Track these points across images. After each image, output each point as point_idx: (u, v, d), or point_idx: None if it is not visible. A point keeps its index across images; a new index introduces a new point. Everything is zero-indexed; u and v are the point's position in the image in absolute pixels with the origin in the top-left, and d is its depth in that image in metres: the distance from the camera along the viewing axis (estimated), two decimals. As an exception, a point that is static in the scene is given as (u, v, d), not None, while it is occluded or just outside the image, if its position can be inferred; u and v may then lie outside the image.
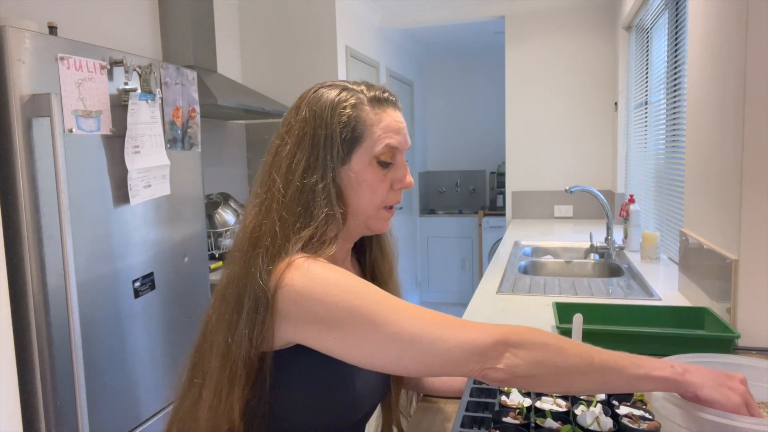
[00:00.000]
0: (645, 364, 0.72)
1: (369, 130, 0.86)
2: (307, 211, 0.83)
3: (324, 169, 0.84)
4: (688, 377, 0.72)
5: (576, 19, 3.78)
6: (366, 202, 0.88)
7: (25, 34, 1.43)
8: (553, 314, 1.43)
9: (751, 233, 1.30)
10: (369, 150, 0.86)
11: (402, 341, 0.73)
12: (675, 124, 2.29)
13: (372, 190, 0.87)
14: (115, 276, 1.71)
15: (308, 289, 0.76)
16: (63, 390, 1.50)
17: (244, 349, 0.78)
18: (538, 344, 0.72)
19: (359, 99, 0.87)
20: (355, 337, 0.74)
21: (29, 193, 1.44)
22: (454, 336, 0.73)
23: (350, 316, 0.74)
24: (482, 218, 5.11)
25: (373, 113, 0.87)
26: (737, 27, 1.33)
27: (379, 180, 0.87)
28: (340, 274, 0.78)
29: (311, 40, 3.35)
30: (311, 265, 0.78)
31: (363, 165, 0.86)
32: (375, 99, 0.88)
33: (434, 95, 5.87)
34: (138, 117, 1.73)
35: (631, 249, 2.56)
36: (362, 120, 0.86)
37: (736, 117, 1.33)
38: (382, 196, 0.88)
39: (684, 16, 2.07)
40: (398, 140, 0.87)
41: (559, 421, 0.84)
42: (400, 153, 0.89)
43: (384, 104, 0.88)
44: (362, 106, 0.87)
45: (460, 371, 0.74)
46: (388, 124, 0.87)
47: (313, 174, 0.84)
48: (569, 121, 3.85)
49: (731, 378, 0.74)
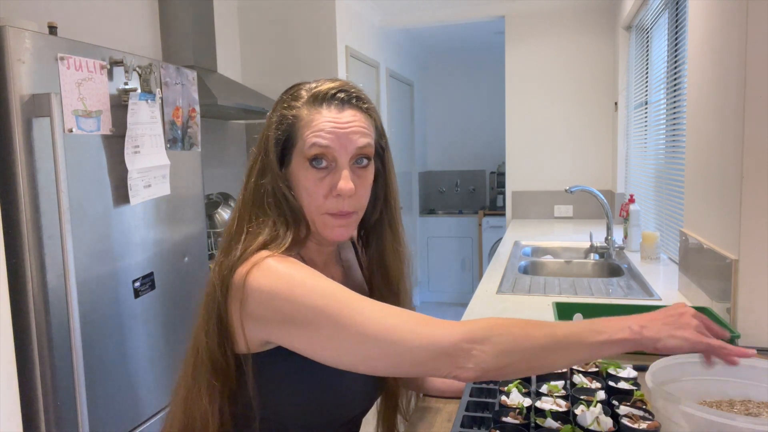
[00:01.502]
0: (604, 329, 0.72)
1: (301, 130, 0.83)
2: (261, 212, 0.84)
3: (271, 170, 0.84)
4: (645, 333, 0.71)
5: (576, 19, 3.78)
6: (307, 207, 0.85)
7: (25, 34, 1.43)
8: (553, 314, 1.43)
9: (751, 233, 1.30)
10: (301, 151, 0.83)
11: (367, 342, 0.72)
12: (675, 124, 2.29)
13: (308, 194, 0.84)
14: (115, 276, 1.71)
15: (274, 289, 0.75)
16: (63, 390, 1.50)
17: (215, 350, 0.79)
18: (503, 335, 0.71)
19: (298, 98, 0.85)
20: (322, 337, 0.74)
21: (29, 193, 1.44)
22: (418, 336, 0.72)
23: (316, 317, 0.73)
24: (482, 218, 5.11)
25: (307, 112, 0.84)
26: (737, 27, 1.33)
27: (313, 183, 0.83)
28: (306, 273, 0.77)
29: (311, 40, 3.35)
30: (278, 265, 0.77)
31: (298, 166, 0.84)
32: (313, 97, 0.84)
33: (434, 95, 5.87)
34: (138, 117, 1.73)
35: (631, 249, 2.56)
36: (297, 119, 0.84)
37: (736, 117, 1.33)
38: (318, 201, 0.83)
39: (684, 16, 2.07)
40: (329, 140, 0.82)
41: (559, 421, 0.84)
42: (339, 155, 0.82)
43: (322, 103, 0.84)
44: (298, 105, 0.84)
45: (429, 372, 0.74)
46: (319, 123, 0.82)
47: (263, 176, 0.84)
48: (569, 121, 3.85)
49: (682, 316, 0.73)
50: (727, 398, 0.91)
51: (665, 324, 0.72)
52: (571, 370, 1.02)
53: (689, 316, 0.73)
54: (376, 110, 0.92)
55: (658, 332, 0.71)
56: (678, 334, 0.71)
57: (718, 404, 0.89)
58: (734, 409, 0.87)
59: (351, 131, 0.83)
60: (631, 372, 0.99)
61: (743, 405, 0.88)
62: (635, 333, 0.71)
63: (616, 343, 0.71)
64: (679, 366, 0.91)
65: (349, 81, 0.89)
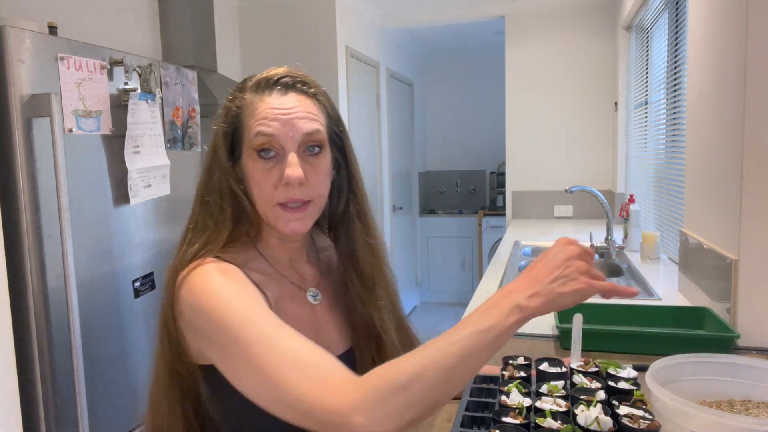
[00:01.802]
0: (493, 322, 0.65)
1: (246, 120, 0.80)
2: (208, 210, 0.81)
3: (219, 165, 0.81)
4: (535, 303, 0.65)
5: (576, 19, 3.78)
6: (258, 200, 0.81)
7: (25, 34, 1.43)
8: (553, 314, 1.43)
9: (751, 233, 1.30)
10: (248, 142, 0.80)
11: (267, 387, 0.66)
12: (675, 124, 2.29)
13: (258, 186, 0.80)
14: (115, 276, 1.71)
15: (200, 305, 0.73)
16: (63, 390, 1.50)
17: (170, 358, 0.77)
18: (396, 389, 0.62)
19: (243, 89, 0.82)
20: (235, 366, 0.70)
21: (29, 193, 1.44)
22: (310, 400, 0.64)
23: (229, 344, 0.69)
24: (482, 218, 5.11)
25: (250, 101, 0.81)
26: (737, 27, 1.33)
27: (262, 174, 0.79)
28: (235, 292, 0.73)
29: (311, 40, 3.35)
30: (209, 276, 0.74)
31: (247, 158, 0.80)
32: (256, 85, 0.81)
33: (434, 95, 5.87)
34: (138, 117, 1.73)
35: (631, 249, 2.56)
36: (242, 110, 0.81)
37: (736, 117, 1.33)
38: (268, 192, 0.79)
39: (684, 16, 2.07)
40: (273, 127, 0.78)
41: (559, 421, 0.83)
42: (286, 143, 0.78)
43: (265, 90, 0.81)
44: (243, 95, 0.82)
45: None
46: (262, 110, 0.79)
47: (212, 172, 0.82)
48: (569, 121, 3.85)
49: (568, 264, 0.67)
50: (727, 398, 0.91)
51: (553, 281, 0.66)
52: (571, 370, 1.02)
53: (575, 261, 0.67)
54: (328, 96, 0.87)
55: (548, 295, 0.65)
56: (568, 289, 0.66)
57: (718, 404, 0.89)
58: (734, 409, 0.88)
59: (296, 116, 0.79)
60: (631, 372, 0.99)
61: (743, 405, 0.88)
62: (525, 309, 0.65)
63: (511, 329, 0.65)
64: (679, 366, 0.91)
65: (299, 68, 0.85)
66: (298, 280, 0.89)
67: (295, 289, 0.88)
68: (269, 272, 0.86)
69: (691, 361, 0.90)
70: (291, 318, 0.83)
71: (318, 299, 0.90)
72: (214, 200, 0.81)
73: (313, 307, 0.89)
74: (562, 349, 1.35)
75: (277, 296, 0.84)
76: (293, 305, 0.86)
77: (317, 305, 0.90)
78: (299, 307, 0.87)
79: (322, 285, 0.93)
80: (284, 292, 0.86)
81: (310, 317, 0.88)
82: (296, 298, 0.88)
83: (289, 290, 0.87)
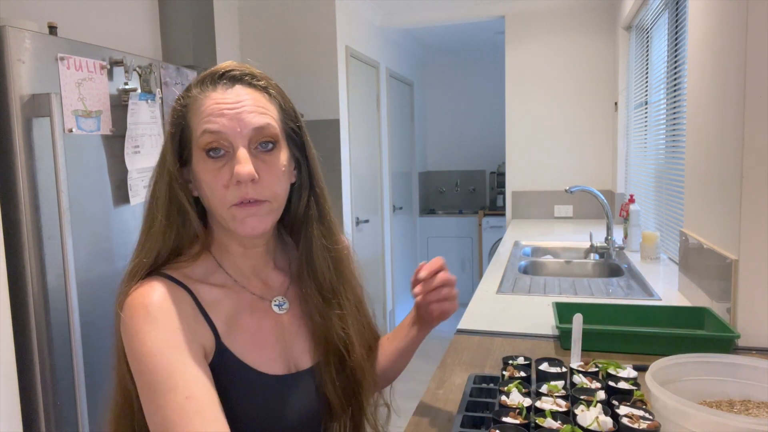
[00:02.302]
0: None
1: (192, 119, 0.75)
2: (153, 220, 0.77)
3: (167, 170, 0.76)
4: None
5: (576, 19, 3.78)
6: (212, 203, 0.76)
7: (25, 34, 1.43)
8: (553, 314, 1.43)
9: (751, 233, 1.30)
10: (196, 142, 0.74)
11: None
12: (675, 124, 2.29)
13: (209, 188, 0.74)
14: (115, 276, 1.70)
15: (125, 334, 0.71)
16: (63, 390, 1.50)
17: (122, 373, 0.74)
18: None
19: (190, 88, 0.77)
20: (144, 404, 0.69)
21: (29, 193, 1.44)
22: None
23: (139, 384, 0.69)
24: (482, 218, 5.11)
25: (195, 98, 0.76)
26: (737, 27, 1.33)
27: (212, 175, 0.74)
28: (153, 326, 0.70)
29: (311, 40, 3.35)
30: (145, 303, 0.71)
31: (197, 160, 0.75)
32: (201, 81, 0.76)
33: (434, 95, 5.87)
34: (138, 117, 1.73)
35: (631, 249, 2.56)
36: (189, 109, 0.76)
37: (736, 117, 1.33)
38: (219, 193, 0.74)
39: (684, 16, 2.07)
40: (221, 123, 0.73)
41: (559, 421, 0.83)
42: (234, 139, 0.73)
43: (209, 85, 0.76)
44: (188, 94, 0.76)
45: None
46: (207, 106, 0.74)
47: (160, 177, 0.77)
48: (569, 121, 3.85)
49: None
50: (727, 398, 0.91)
51: None
52: (571, 370, 1.02)
53: None
54: (281, 89, 0.82)
55: None
56: None
57: (718, 404, 0.89)
58: (734, 409, 0.88)
59: (243, 110, 0.74)
60: (631, 372, 0.99)
61: (743, 405, 0.88)
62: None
63: None
64: (679, 366, 0.91)
65: (249, 63, 0.81)
66: (262, 290, 0.85)
67: (257, 299, 0.84)
68: (228, 284, 0.82)
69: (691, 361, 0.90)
70: (251, 331, 0.81)
71: (284, 308, 0.86)
72: (161, 209, 0.77)
73: (279, 317, 0.85)
74: (562, 349, 1.35)
75: (233, 311, 0.80)
76: (253, 317, 0.82)
77: (283, 315, 0.85)
78: (261, 319, 0.83)
79: (291, 293, 0.88)
80: (243, 304, 0.82)
81: (274, 328, 0.83)
82: (258, 309, 0.83)
83: (250, 301, 0.83)
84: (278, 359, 0.82)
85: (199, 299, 0.77)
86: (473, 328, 1.52)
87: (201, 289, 0.78)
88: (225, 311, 0.79)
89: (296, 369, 0.83)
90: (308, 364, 0.85)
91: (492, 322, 1.59)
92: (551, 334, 1.45)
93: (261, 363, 0.79)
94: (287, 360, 0.83)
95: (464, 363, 1.27)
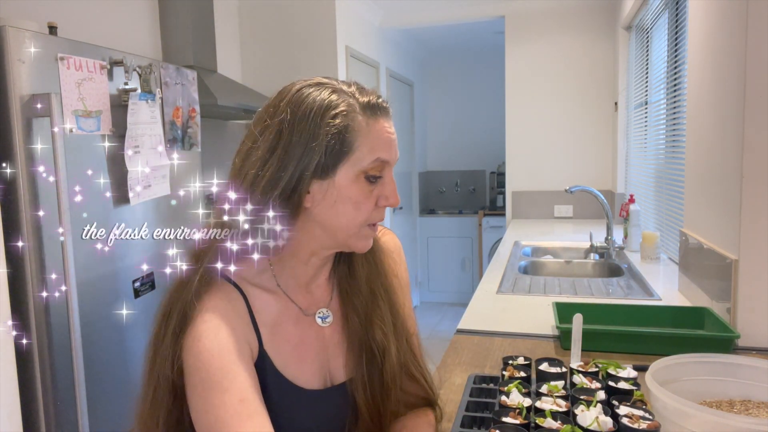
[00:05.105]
0: None
1: (359, 141, 0.76)
2: (263, 200, 0.75)
3: (294, 181, 0.74)
4: None
5: (576, 19, 3.78)
6: (348, 220, 0.78)
7: (25, 34, 1.43)
8: (553, 314, 1.43)
9: (751, 233, 1.30)
10: (357, 163, 0.76)
11: None
12: (675, 124, 2.29)
13: (356, 207, 0.77)
14: (115, 276, 1.71)
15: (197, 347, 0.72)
16: (63, 390, 1.50)
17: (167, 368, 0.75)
18: None
19: (351, 105, 0.76)
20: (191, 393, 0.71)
21: (29, 193, 1.44)
22: None
23: (195, 373, 0.71)
24: (482, 218, 5.11)
25: (365, 122, 0.76)
26: (737, 27, 1.33)
27: (364, 196, 0.77)
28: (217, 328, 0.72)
29: (311, 40, 3.35)
30: (208, 307, 0.73)
31: (349, 179, 0.76)
32: (368, 106, 0.78)
33: (434, 95, 5.87)
34: (138, 117, 1.73)
35: (631, 249, 2.56)
36: (353, 130, 0.75)
37: (736, 117, 1.33)
38: (366, 213, 0.78)
39: (684, 16, 2.07)
40: (390, 154, 0.78)
41: (559, 421, 0.84)
42: (389, 167, 0.79)
43: (377, 112, 0.78)
44: (354, 114, 0.76)
45: None
46: (379, 135, 0.77)
47: (276, 186, 0.74)
48: (569, 121, 3.85)
49: None
50: (727, 398, 0.91)
51: None
52: (571, 370, 1.02)
53: None
54: None
55: None
56: None
57: (718, 404, 0.89)
58: (734, 409, 0.88)
59: (396, 143, 0.81)
60: (631, 372, 0.99)
61: (743, 405, 0.88)
62: None
63: None
64: (679, 366, 0.91)
65: None
66: (308, 302, 0.85)
67: (301, 311, 0.84)
68: (275, 290, 0.82)
69: (691, 361, 0.91)
70: (293, 342, 0.81)
71: (328, 321, 0.86)
72: (279, 198, 0.74)
73: (321, 329, 0.85)
74: (562, 349, 1.35)
75: (278, 318, 0.81)
76: (296, 328, 0.83)
77: (326, 327, 0.86)
78: (304, 330, 0.84)
79: (334, 304, 0.88)
80: (288, 313, 0.83)
81: (315, 341, 0.84)
82: (301, 320, 0.84)
83: (295, 312, 0.84)
84: (317, 373, 0.83)
85: (250, 302, 0.78)
86: (473, 328, 1.52)
87: (252, 291, 0.79)
88: (270, 317, 0.80)
89: (332, 383, 0.84)
90: (344, 378, 0.85)
91: (492, 322, 1.59)
92: (551, 334, 1.45)
93: (299, 377, 0.81)
94: (324, 374, 0.84)
95: (464, 363, 1.27)
